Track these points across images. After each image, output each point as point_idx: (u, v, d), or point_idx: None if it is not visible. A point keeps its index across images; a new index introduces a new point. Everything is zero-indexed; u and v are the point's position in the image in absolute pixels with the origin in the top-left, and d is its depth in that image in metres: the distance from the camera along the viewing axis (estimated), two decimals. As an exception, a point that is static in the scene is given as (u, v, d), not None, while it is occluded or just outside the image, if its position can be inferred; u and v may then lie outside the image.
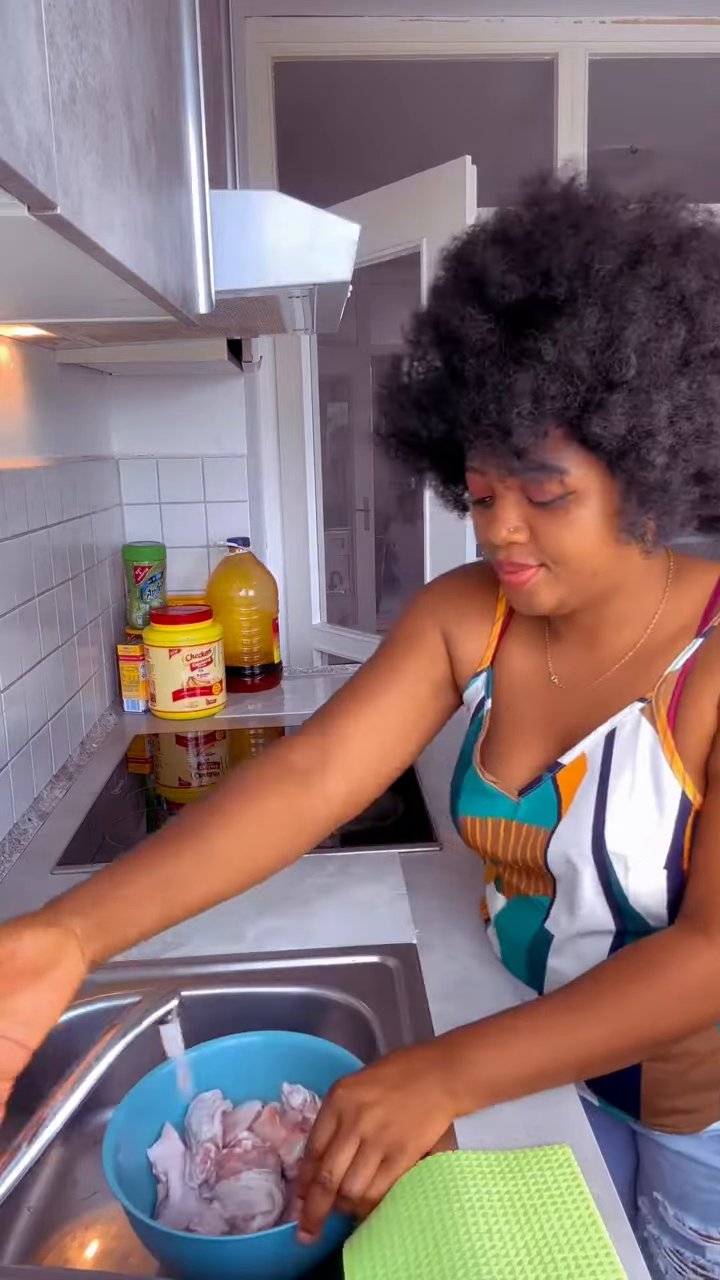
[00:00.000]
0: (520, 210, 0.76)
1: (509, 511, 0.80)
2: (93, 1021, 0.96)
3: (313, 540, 2.63)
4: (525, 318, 0.72)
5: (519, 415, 0.71)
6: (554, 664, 0.93)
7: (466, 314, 0.74)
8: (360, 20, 2.31)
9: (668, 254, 0.72)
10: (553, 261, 0.71)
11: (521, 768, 0.91)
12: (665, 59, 2.42)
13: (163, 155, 0.71)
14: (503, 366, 0.72)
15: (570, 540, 0.79)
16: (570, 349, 0.70)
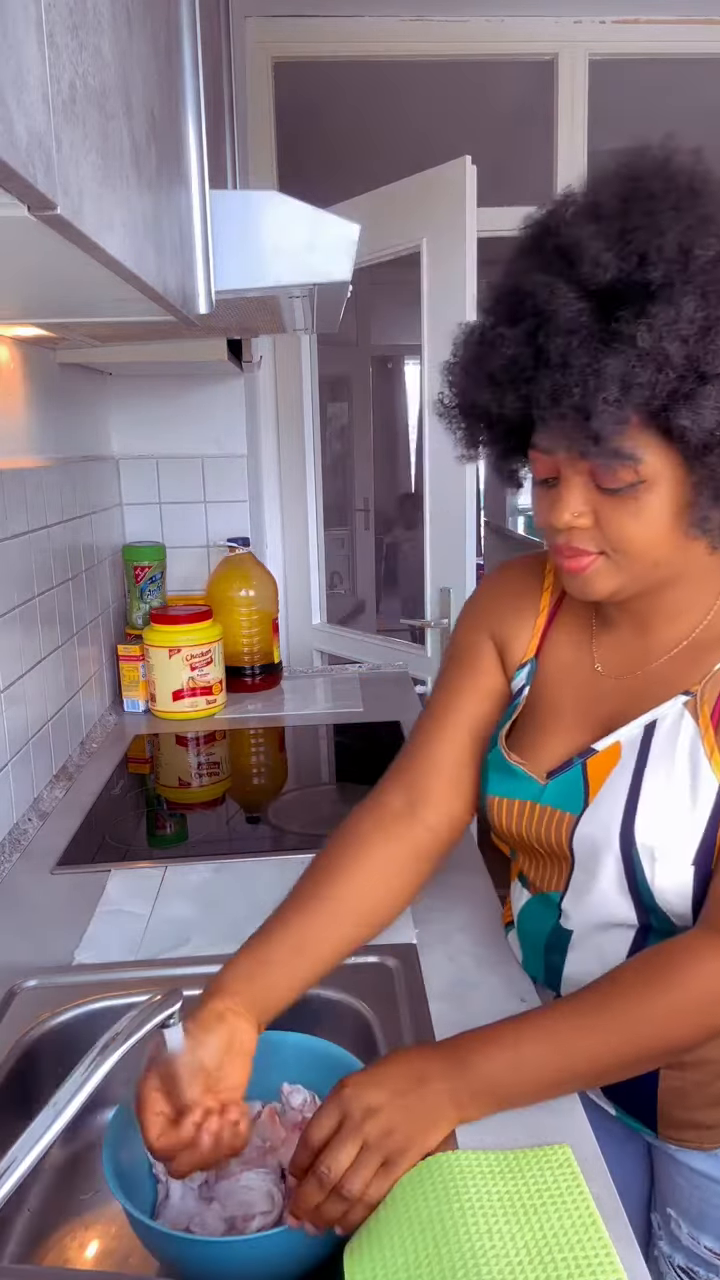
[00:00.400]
0: (614, 182, 0.72)
1: (574, 495, 0.77)
2: (95, 1022, 0.96)
3: (313, 540, 2.63)
4: (618, 300, 0.69)
5: (604, 401, 0.69)
6: (599, 652, 0.91)
7: (556, 289, 0.70)
8: (360, 20, 2.31)
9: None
10: (651, 244, 0.68)
11: (554, 752, 0.90)
12: (665, 59, 2.42)
13: (163, 155, 0.71)
14: (591, 349, 0.69)
15: (635, 529, 0.76)
16: (665, 336, 0.67)
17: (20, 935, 1.12)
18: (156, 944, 1.09)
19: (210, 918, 1.15)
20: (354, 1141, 0.71)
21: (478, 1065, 0.75)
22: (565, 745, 0.89)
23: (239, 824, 1.48)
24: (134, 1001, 0.85)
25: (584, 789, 0.86)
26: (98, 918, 1.15)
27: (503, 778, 0.92)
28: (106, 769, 1.67)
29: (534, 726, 0.93)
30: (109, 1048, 0.66)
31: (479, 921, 1.11)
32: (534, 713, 0.94)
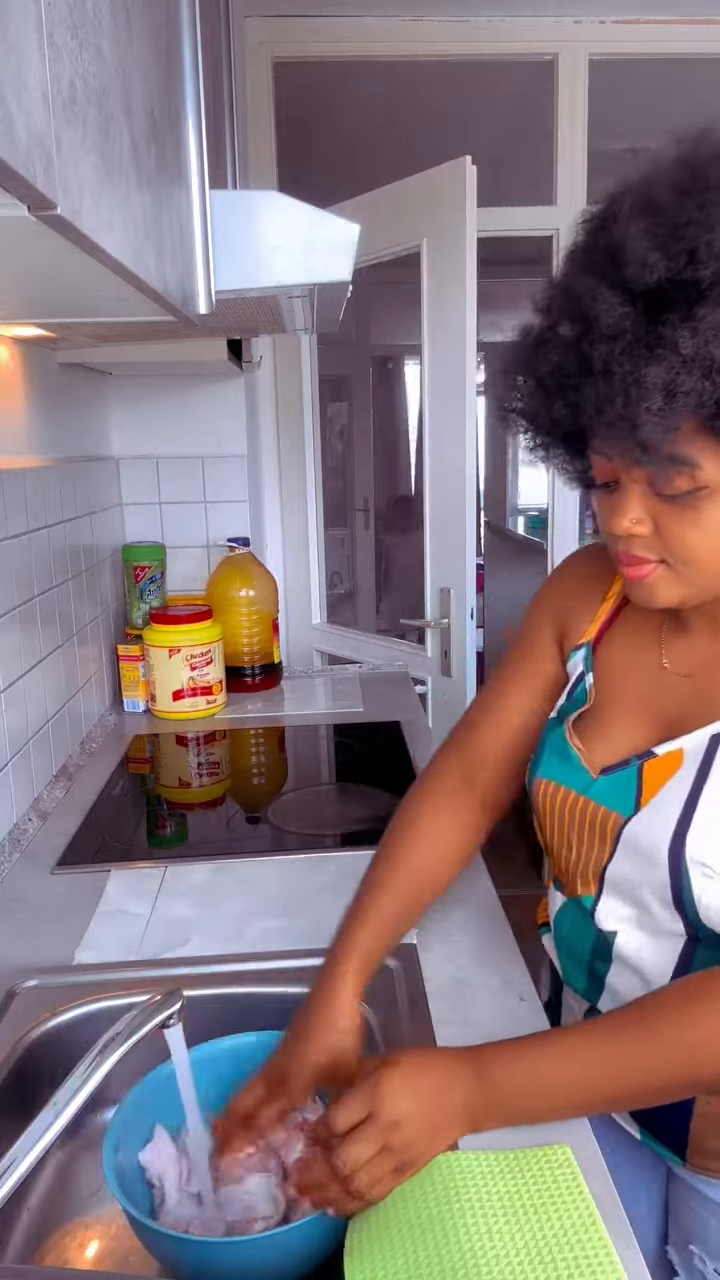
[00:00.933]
0: (669, 172, 0.68)
1: (633, 502, 0.74)
2: (95, 1022, 0.96)
3: (313, 540, 2.63)
4: (665, 302, 0.65)
5: (648, 410, 0.66)
6: (669, 649, 0.87)
7: (599, 293, 0.67)
8: (360, 20, 2.31)
9: None
10: (701, 239, 0.63)
11: (611, 747, 0.86)
12: (665, 59, 2.42)
13: (163, 155, 0.71)
14: (634, 356, 0.66)
15: (696, 538, 0.73)
16: (712, 340, 0.63)
17: (20, 935, 1.12)
18: (156, 944, 1.09)
19: (210, 918, 1.15)
20: (375, 1142, 0.71)
21: (497, 1080, 0.75)
22: (624, 742, 0.86)
23: (239, 824, 1.48)
24: (134, 1001, 0.85)
25: (637, 791, 0.82)
26: (98, 918, 1.15)
27: (557, 762, 0.89)
28: (106, 769, 1.67)
29: (596, 718, 0.89)
30: (109, 1048, 0.66)
31: (479, 921, 1.11)
32: (597, 704, 0.90)
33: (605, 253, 0.68)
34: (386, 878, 0.95)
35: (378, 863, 0.97)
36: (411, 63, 2.42)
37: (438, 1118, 0.73)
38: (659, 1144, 0.89)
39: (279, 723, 1.95)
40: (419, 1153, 0.72)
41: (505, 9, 2.30)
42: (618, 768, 0.85)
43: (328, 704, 2.06)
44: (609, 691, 0.90)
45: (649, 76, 2.55)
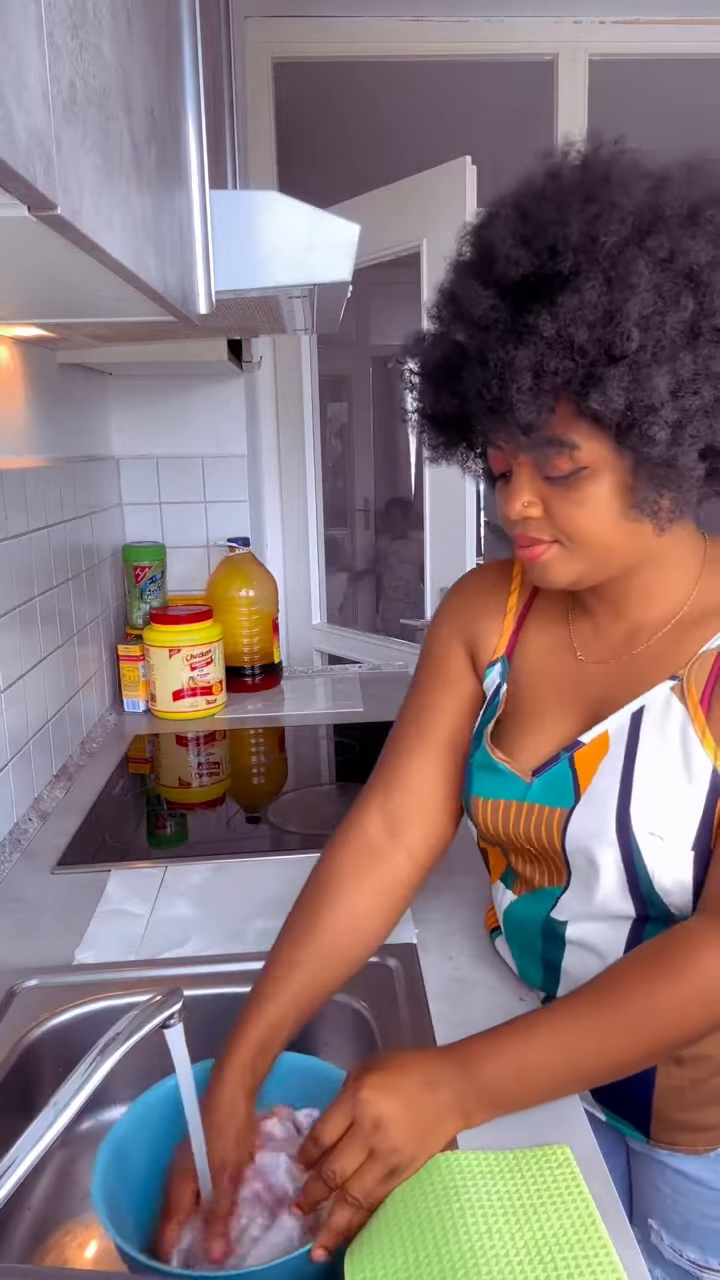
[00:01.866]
0: (539, 181, 0.74)
1: (523, 487, 0.79)
2: (95, 1022, 0.96)
3: (313, 540, 2.63)
4: (530, 292, 0.71)
5: (519, 391, 0.71)
6: (578, 639, 0.91)
7: (474, 290, 0.73)
8: (360, 20, 2.31)
9: (679, 225, 0.70)
10: (559, 235, 0.70)
11: (540, 747, 0.89)
12: (665, 59, 2.42)
13: (163, 155, 0.71)
14: (505, 342, 0.71)
15: (582, 517, 0.78)
16: (571, 323, 0.69)
17: (20, 935, 1.12)
18: (156, 944, 1.09)
19: (210, 918, 1.15)
20: (360, 1149, 0.71)
21: (485, 1072, 0.75)
22: (550, 740, 0.89)
23: (239, 824, 1.48)
24: (134, 1001, 0.85)
25: (573, 783, 0.85)
26: (98, 918, 1.15)
27: (487, 778, 0.91)
28: (106, 769, 1.67)
29: (517, 725, 0.92)
30: (109, 1048, 0.66)
31: (479, 921, 1.11)
32: (516, 711, 0.93)
33: (480, 256, 0.75)
34: (301, 942, 0.90)
35: (287, 934, 0.91)
36: (411, 63, 2.42)
37: (425, 1118, 0.73)
38: (624, 1123, 0.92)
39: (279, 723, 1.95)
40: (410, 1154, 0.72)
41: (505, 9, 2.30)
42: (549, 765, 0.87)
43: (328, 704, 2.06)
44: (530, 696, 0.92)
45: (649, 76, 2.55)
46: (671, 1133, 0.89)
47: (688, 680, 0.81)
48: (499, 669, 0.95)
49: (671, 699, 0.81)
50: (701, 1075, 0.87)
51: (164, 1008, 0.71)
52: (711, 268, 0.70)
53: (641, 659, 0.86)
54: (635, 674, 0.85)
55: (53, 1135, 0.61)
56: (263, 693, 2.12)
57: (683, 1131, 0.89)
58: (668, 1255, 0.92)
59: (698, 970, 0.75)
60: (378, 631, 3.21)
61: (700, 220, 0.71)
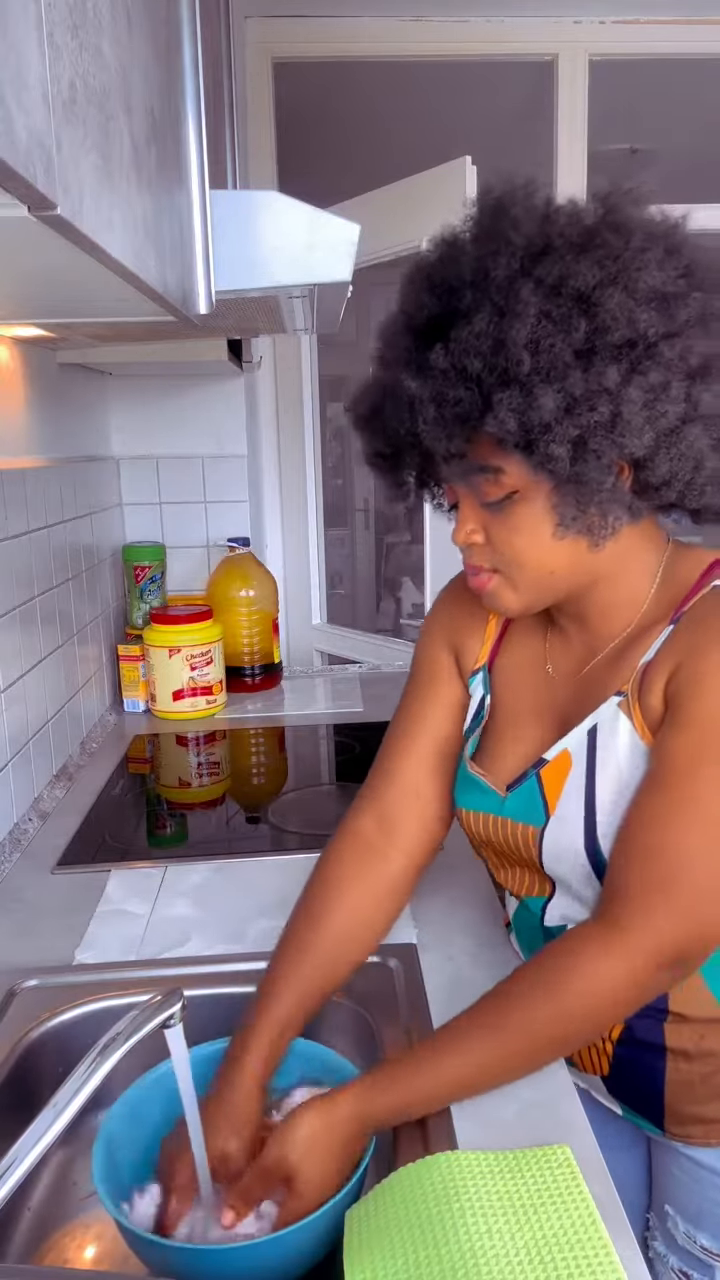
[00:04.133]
0: (449, 230, 0.79)
1: (467, 515, 0.82)
2: (95, 1022, 0.96)
3: (313, 540, 2.63)
4: (434, 331, 0.74)
5: (425, 422, 0.74)
6: (551, 653, 0.93)
7: (395, 334, 0.79)
8: (360, 20, 2.31)
9: (569, 251, 0.72)
10: (455, 274, 0.74)
11: (512, 762, 0.91)
12: (665, 59, 2.42)
13: (163, 155, 0.71)
14: (411, 378, 0.75)
15: (518, 541, 0.80)
16: (464, 354, 0.71)
17: (20, 935, 1.12)
18: (156, 944, 1.09)
19: (210, 918, 1.15)
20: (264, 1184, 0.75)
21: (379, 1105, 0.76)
22: (522, 754, 0.90)
23: (239, 824, 1.48)
24: (134, 1001, 0.85)
25: (542, 801, 0.86)
26: (98, 918, 1.15)
27: (468, 790, 0.94)
28: (106, 769, 1.67)
29: (495, 736, 0.94)
30: (109, 1048, 0.66)
31: (479, 921, 1.11)
32: (495, 722, 0.95)
33: (401, 302, 0.80)
34: (306, 941, 0.92)
35: (291, 935, 0.93)
36: (411, 63, 2.42)
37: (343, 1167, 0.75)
38: (639, 1117, 0.93)
39: (279, 723, 1.95)
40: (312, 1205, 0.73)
41: (505, 9, 2.30)
42: (520, 781, 0.89)
43: (328, 704, 2.06)
44: (506, 708, 0.94)
45: (649, 76, 2.55)
46: (685, 1125, 0.90)
47: (631, 694, 0.82)
48: (481, 678, 0.97)
49: (619, 715, 0.82)
50: (710, 1070, 0.87)
51: (164, 1008, 0.71)
52: (600, 289, 0.71)
53: (593, 674, 0.87)
54: (590, 690, 0.86)
55: (53, 1135, 0.61)
56: (263, 693, 2.12)
57: (696, 1124, 0.90)
58: (682, 1242, 0.93)
59: (578, 979, 0.76)
60: (378, 631, 3.21)
61: (591, 246, 0.73)
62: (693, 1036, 0.86)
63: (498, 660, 0.96)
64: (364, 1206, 0.72)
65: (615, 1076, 0.92)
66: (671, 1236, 0.94)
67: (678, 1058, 0.87)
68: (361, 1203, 0.73)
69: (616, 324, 0.71)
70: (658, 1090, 0.89)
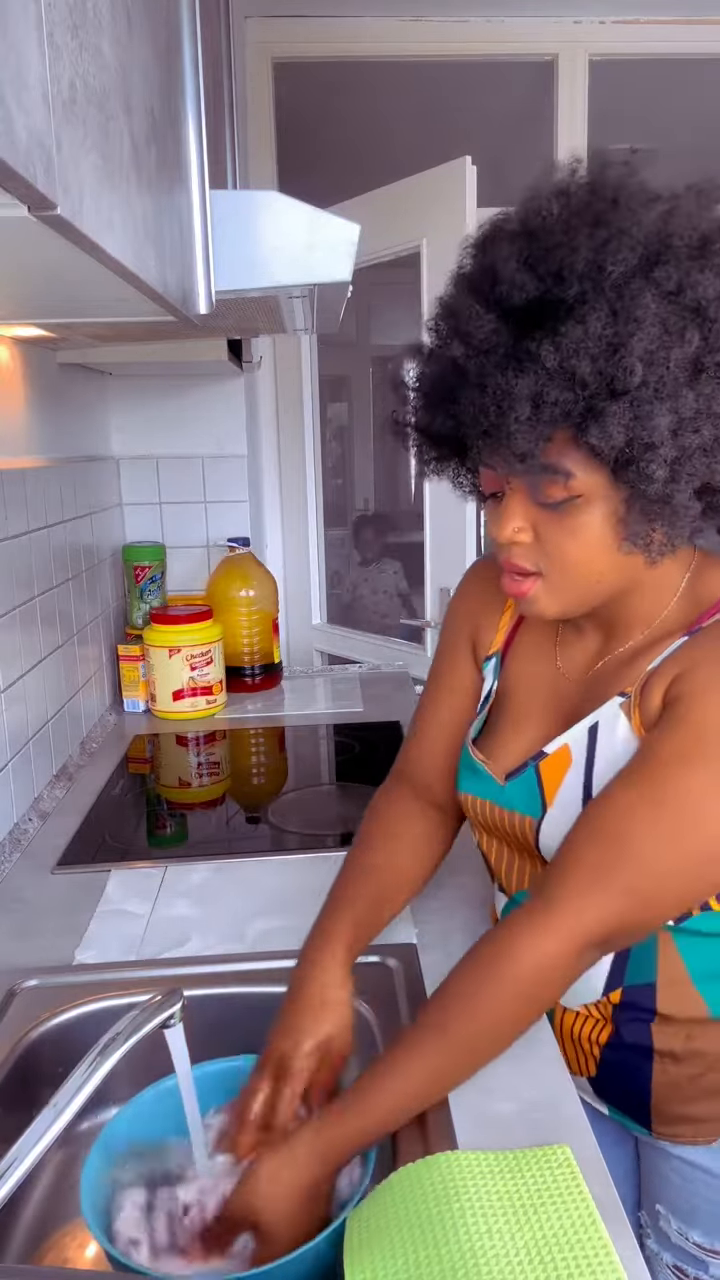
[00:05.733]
0: (546, 200, 0.72)
1: (515, 511, 0.78)
2: (95, 1022, 0.96)
3: (313, 540, 2.63)
4: (533, 318, 0.69)
5: (517, 420, 0.70)
6: (562, 651, 0.93)
7: (475, 311, 0.72)
8: (360, 20, 2.31)
9: (688, 256, 0.69)
10: (565, 260, 0.68)
11: (516, 751, 0.91)
12: (665, 59, 2.42)
13: (163, 155, 0.71)
14: (504, 369, 0.70)
15: (572, 546, 0.77)
16: (574, 355, 0.67)
17: (20, 935, 1.12)
18: (156, 944, 1.09)
19: (210, 918, 1.15)
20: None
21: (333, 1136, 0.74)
22: (524, 746, 0.91)
23: (239, 824, 1.48)
24: (134, 1001, 0.85)
25: (540, 792, 0.87)
26: (98, 918, 1.15)
27: (469, 775, 0.95)
28: (106, 769, 1.67)
29: (501, 724, 0.95)
30: (109, 1048, 0.66)
31: (479, 921, 1.11)
32: (502, 710, 0.95)
33: (483, 274, 0.73)
34: (369, 865, 0.97)
35: (354, 858, 0.98)
36: (412, 63, 2.42)
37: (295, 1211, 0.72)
38: (626, 1118, 0.93)
39: (279, 723, 1.95)
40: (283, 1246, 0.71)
41: (505, 9, 2.30)
42: (519, 771, 0.89)
43: (328, 704, 2.06)
44: (514, 699, 0.94)
45: (649, 76, 2.55)
46: (673, 1125, 0.90)
47: (635, 698, 0.82)
48: (493, 665, 0.98)
49: (619, 715, 0.82)
50: (697, 1071, 0.87)
51: (164, 1008, 0.71)
52: (718, 302, 0.68)
53: (602, 675, 0.87)
54: (596, 690, 0.87)
55: (53, 1135, 0.61)
56: (263, 693, 2.12)
57: (684, 1124, 0.90)
58: (675, 1240, 0.93)
59: (515, 967, 0.76)
60: (378, 631, 3.20)
61: (709, 252, 0.69)
62: (680, 1037, 0.87)
63: (510, 650, 0.97)
64: (364, 1206, 0.72)
65: (602, 1078, 0.92)
66: (664, 1234, 0.95)
67: (665, 1059, 0.88)
68: (361, 1203, 0.73)
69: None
70: (645, 1092, 0.89)
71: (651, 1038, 0.87)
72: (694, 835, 0.75)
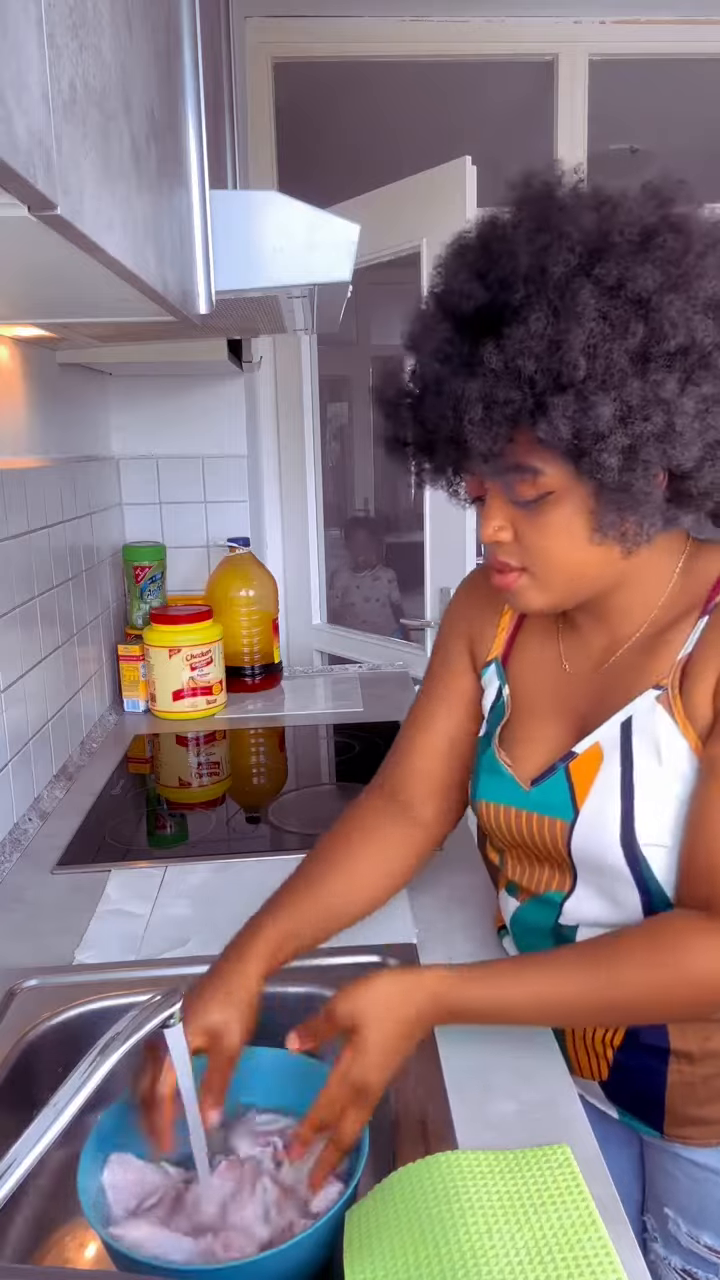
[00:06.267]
0: (504, 213, 0.76)
1: (495, 511, 0.81)
2: (95, 1022, 0.96)
3: (313, 540, 2.63)
4: (483, 325, 0.72)
5: (470, 423, 0.72)
6: (566, 651, 0.93)
7: (435, 323, 0.76)
8: (360, 20, 2.31)
9: (628, 251, 0.70)
10: (509, 267, 0.71)
11: (535, 756, 0.90)
12: (665, 59, 2.42)
13: (163, 155, 0.71)
14: (458, 374, 0.73)
15: (549, 541, 0.79)
16: (518, 354, 0.69)
17: (20, 935, 1.12)
18: (156, 944, 1.09)
19: (210, 918, 1.15)
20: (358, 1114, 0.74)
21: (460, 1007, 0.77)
22: (544, 750, 0.90)
23: (239, 824, 1.48)
24: (134, 1001, 0.85)
25: (570, 794, 0.86)
26: (98, 918, 1.15)
27: (491, 781, 0.93)
28: (106, 769, 1.67)
29: (513, 729, 0.94)
30: (109, 1048, 0.66)
31: (479, 921, 1.11)
32: (512, 718, 0.95)
33: (444, 288, 0.77)
34: (316, 876, 0.95)
35: (305, 866, 0.96)
36: (411, 63, 2.42)
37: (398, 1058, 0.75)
38: (637, 1120, 0.93)
39: (279, 723, 1.95)
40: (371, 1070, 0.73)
41: (505, 9, 2.30)
42: (546, 775, 0.89)
43: (328, 704, 2.06)
44: (524, 701, 0.94)
45: (649, 76, 2.55)
46: (684, 1127, 0.90)
47: (672, 690, 0.82)
48: (494, 670, 0.97)
49: (657, 709, 0.82)
50: (712, 1072, 0.87)
51: (164, 1008, 0.71)
52: (660, 293, 0.69)
53: (617, 669, 0.87)
54: (614, 685, 0.86)
55: (53, 1135, 0.61)
56: (263, 693, 2.12)
57: (695, 1125, 0.90)
58: (685, 1242, 0.93)
59: (688, 957, 0.77)
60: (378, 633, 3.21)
61: (651, 246, 0.71)
62: (697, 1038, 0.86)
63: (513, 655, 0.97)
64: (364, 1206, 0.72)
65: (614, 1081, 0.92)
66: (673, 1238, 0.94)
67: (680, 1060, 0.87)
68: (361, 1203, 0.73)
69: (675, 331, 0.69)
70: (659, 1093, 0.89)
71: (669, 1039, 0.87)
72: None
